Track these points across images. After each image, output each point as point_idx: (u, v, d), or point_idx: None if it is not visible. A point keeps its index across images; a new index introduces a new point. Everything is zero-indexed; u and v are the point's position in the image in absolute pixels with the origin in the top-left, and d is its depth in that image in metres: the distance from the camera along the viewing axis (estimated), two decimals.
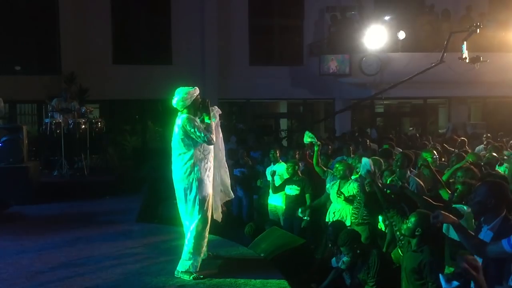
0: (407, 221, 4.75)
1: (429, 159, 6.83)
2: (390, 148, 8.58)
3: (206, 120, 5.39)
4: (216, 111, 5.66)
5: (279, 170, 8.35)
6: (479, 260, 3.72)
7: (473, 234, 3.54)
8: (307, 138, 8.05)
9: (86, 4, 16.13)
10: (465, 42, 12.87)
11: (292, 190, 7.75)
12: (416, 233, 4.60)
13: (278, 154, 8.69)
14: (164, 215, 8.45)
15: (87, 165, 11.63)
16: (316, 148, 7.86)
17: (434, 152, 7.33)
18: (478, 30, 12.57)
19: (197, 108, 5.49)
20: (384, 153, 7.77)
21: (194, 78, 15.28)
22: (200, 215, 5.36)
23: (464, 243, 3.53)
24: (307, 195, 7.61)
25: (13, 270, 5.76)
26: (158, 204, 9.14)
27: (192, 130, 5.26)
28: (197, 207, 5.36)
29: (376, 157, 7.12)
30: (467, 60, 12.92)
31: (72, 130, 11.41)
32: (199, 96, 5.49)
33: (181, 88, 5.46)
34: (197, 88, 5.49)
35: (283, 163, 8.62)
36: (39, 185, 10.29)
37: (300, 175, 7.85)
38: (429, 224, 4.62)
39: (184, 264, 5.39)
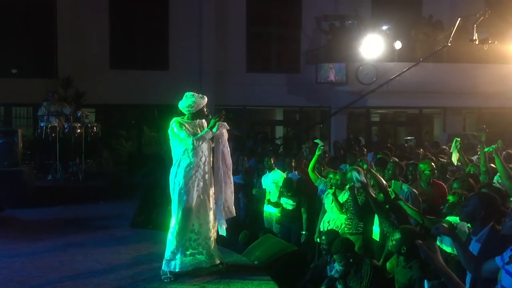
0: (392, 238, 4.73)
1: (427, 172, 6.79)
2: (386, 157, 8.58)
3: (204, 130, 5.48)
4: (223, 125, 5.65)
5: (274, 178, 8.33)
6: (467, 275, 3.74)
7: (471, 252, 3.53)
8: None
9: (84, 8, 16.13)
10: (475, 26, 13.26)
11: (288, 204, 7.74)
12: (402, 251, 4.58)
13: (272, 162, 8.69)
14: (158, 221, 8.42)
15: (82, 170, 11.62)
16: (318, 152, 7.55)
17: (432, 164, 7.26)
18: (487, 14, 12.88)
19: (202, 117, 5.60)
20: (379, 162, 7.77)
21: (190, 84, 15.28)
22: (179, 216, 5.45)
23: (461, 259, 3.53)
24: (302, 209, 7.58)
25: (5, 274, 5.74)
26: (152, 209, 9.11)
27: (178, 132, 5.37)
28: (175, 207, 5.48)
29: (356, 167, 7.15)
30: (477, 42, 13.22)
31: (67, 134, 11.42)
32: (205, 106, 5.58)
33: (190, 94, 5.55)
34: (205, 97, 5.57)
35: (278, 170, 8.62)
36: (33, 189, 10.28)
37: (294, 187, 7.78)
38: (414, 240, 4.61)
39: (164, 263, 5.52)
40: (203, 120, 5.68)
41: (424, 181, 6.62)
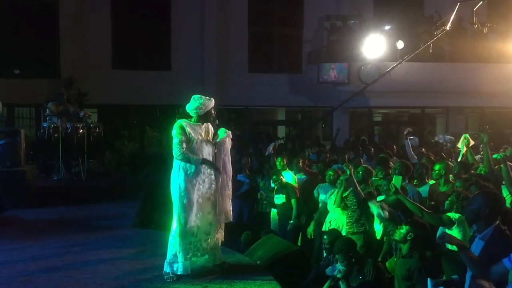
0: (400, 227, 4.79)
1: (443, 172, 6.83)
2: (387, 156, 8.58)
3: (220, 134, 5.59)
4: (226, 134, 5.71)
5: (286, 178, 8.30)
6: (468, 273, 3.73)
7: (477, 256, 3.54)
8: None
9: (86, 8, 16.16)
10: (474, 10, 13.52)
11: (279, 198, 7.81)
12: (408, 238, 4.65)
13: (285, 162, 8.68)
14: (161, 221, 8.43)
15: (84, 170, 11.63)
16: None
17: (449, 163, 7.32)
18: None
19: (209, 120, 5.62)
20: (380, 161, 7.77)
21: (192, 84, 15.32)
22: (179, 219, 5.46)
23: (467, 265, 3.52)
24: (292, 201, 7.64)
25: (8, 274, 5.75)
26: (154, 209, 9.12)
27: (174, 136, 5.41)
28: (176, 210, 5.48)
29: (366, 166, 7.16)
30: (476, 25, 13.33)
31: (70, 135, 11.42)
32: (213, 109, 5.60)
33: (197, 96, 5.57)
34: (213, 100, 5.58)
35: (290, 171, 8.61)
36: (36, 189, 10.28)
37: (283, 182, 7.85)
38: (421, 230, 4.70)
39: (166, 266, 5.55)
40: (209, 125, 5.70)
41: (442, 181, 6.71)
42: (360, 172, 6.66)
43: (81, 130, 11.56)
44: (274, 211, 8.32)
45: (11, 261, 6.23)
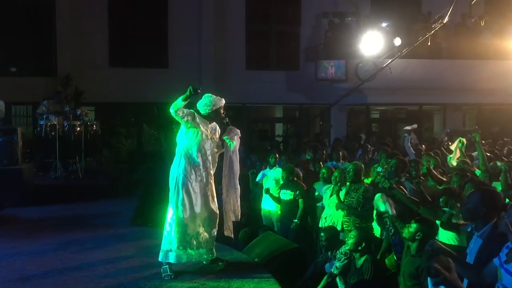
0: (409, 225, 4.78)
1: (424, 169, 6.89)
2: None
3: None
4: (234, 133, 5.74)
5: (276, 174, 8.32)
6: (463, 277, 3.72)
7: (469, 263, 3.52)
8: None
9: (83, 6, 16.11)
10: (471, 3, 14.10)
11: (286, 195, 7.75)
12: (417, 237, 4.63)
13: (276, 159, 8.70)
14: (158, 219, 8.41)
15: (82, 168, 11.62)
16: None
17: (438, 158, 7.38)
18: None
19: (217, 120, 5.67)
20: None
21: (190, 82, 15.14)
22: (175, 208, 5.51)
23: (461, 272, 3.49)
24: (300, 200, 7.61)
25: (6, 272, 5.74)
26: (152, 207, 9.10)
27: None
28: (174, 199, 5.54)
29: (357, 162, 7.18)
30: (474, 19, 13.45)
31: (67, 133, 11.41)
32: (222, 108, 5.67)
33: (208, 94, 5.68)
34: (223, 99, 5.65)
35: (279, 168, 8.62)
36: (33, 187, 10.26)
37: (295, 179, 7.83)
38: (430, 229, 4.69)
39: (161, 254, 5.60)
40: (217, 126, 5.75)
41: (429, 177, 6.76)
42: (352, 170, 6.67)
43: (79, 128, 11.55)
44: (265, 210, 8.31)
45: (8, 260, 6.21)
